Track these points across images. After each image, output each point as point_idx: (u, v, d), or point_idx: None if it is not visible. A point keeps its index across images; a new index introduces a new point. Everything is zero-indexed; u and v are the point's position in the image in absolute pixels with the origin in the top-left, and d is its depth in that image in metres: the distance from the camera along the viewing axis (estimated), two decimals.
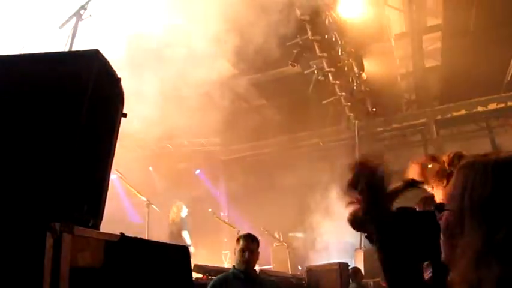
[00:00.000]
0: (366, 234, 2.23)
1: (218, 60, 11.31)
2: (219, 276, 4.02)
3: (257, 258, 4.05)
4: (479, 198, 1.20)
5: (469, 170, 1.28)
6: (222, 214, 11.50)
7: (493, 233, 1.14)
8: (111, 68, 2.15)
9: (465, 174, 1.28)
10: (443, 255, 1.30)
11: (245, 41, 9.30)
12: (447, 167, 2.67)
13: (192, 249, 8.91)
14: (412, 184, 2.43)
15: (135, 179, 8.28)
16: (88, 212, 2.00)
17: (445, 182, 2.69)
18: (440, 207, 1.33)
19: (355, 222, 2.15)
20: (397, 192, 2.30)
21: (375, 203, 2.07)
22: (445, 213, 1.29)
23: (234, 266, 4.01)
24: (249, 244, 3.96)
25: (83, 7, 2.63)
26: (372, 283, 8.53)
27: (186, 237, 8.60)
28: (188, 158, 13.38)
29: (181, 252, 2.47)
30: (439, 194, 3.44)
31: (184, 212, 8.95)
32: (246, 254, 3.90)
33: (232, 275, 3.92)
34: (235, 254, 4.00)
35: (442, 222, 1.30)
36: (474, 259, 1.17)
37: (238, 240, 4.04)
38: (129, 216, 11.16)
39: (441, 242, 1.31)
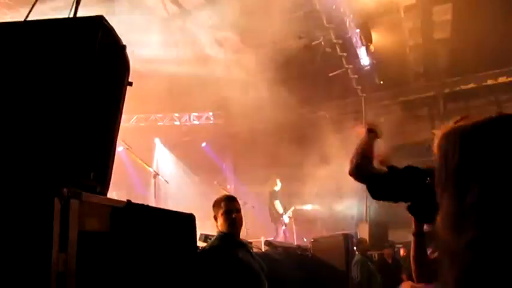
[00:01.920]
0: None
1: (223, 33, 11.26)
2: (207, 249, 3.31)
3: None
4: (451, 168, 1.28)
5: (443, 141, 1.39)
6: (228, 187, 11.56)
7: (464, 199, 1.19)
8: (116, 35, 2.14)
9: (440, 146, 1.38)
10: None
11: (252, 15, 9.22)
12: None
13: (285, 219, 9.47)
14: None
15: (141, 151, 8.35)
16: (95, 178, 2.02)
17: None
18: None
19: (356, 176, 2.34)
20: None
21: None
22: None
23: (221, 232, 3.34)
24: (235, 204, 3.41)
25: None
26: (376, 255, 8.63)
27: (278, 206, 9.49)
28: (195, 130, 13.43)
29: (187, 219, 2.50)
30: None
31: (278, 186, 9.79)
32: (234, 214, 3.33)
33: (223, 242, 3.29)
34: (216, 220, 3.37)
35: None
36: (449, 224, 1.24)
37: (218, 203, 3.40)
38: (135, 187, 11.28)
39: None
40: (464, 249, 1.16)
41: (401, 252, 9.28)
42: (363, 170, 2.30)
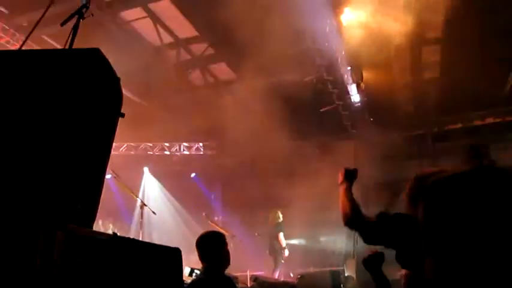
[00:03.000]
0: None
1: (216, 64, 11.42)
2: (193, 284, 3.25)
3: None
4: (426, 229, 1.29)
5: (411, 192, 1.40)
6: (216, 218, 11.47)
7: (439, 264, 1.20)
8: (111, 67, 2.16)
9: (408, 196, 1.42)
10: None
11: (245, 46, 9.37)
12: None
13: (286, 252, 9.33)
14: None
15: (129, 179, 8.29)
16: (82, 211, 2.00)
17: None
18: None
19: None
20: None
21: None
22: None
23: (207, 266, 3.28)
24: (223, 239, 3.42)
25: (85, 5, 2.64)
26: None
27: (282, 239, 9.41)
28: (184, 161, 13.40)
29: (173, 253, 2.47)
30: None
31: (280, 218, 9.78)
32: (222, 250, 3.33)
33: (209, 276, 3.25)
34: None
35: None
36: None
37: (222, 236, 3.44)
38: (121, 216, 11.13)
39: None
40: None
41: None
42: (354, 220, 2.45)
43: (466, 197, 1.19)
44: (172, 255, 2.42)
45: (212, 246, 3.32)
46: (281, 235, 9.41)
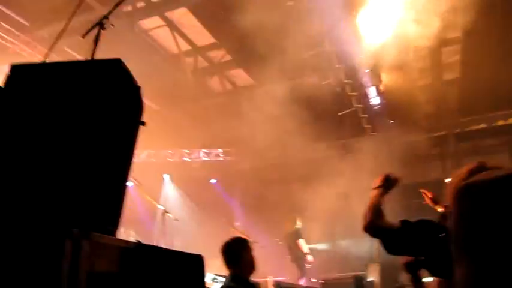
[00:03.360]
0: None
1: (234, 70, 11.49)
2: None
3: None
4: (464, 230, 1.21)
5: (457, 197, 1.30)
6: (236, 224, 11.47)
7: (478, 266, 1.12)
8: (132, 76, 2.19)
9: (455, 203, 1.30)
10: None
11: (263, 51, 9.39)
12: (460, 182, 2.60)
13: (309, 258, 9.26)
14: None
15: (150, 187, 8.36)
16: (106, 219, 2.02)
17: None
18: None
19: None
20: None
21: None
22: None
23: (234, 273, 3.32)
24: (250, 245, 3.47)
25: (105, 16, 2.68)
26: None
27: (303, 245, 9.28)
28: (204, 167, 13.46)
29: (196, 260, 2.47)
30: None
31: (299, 225, 9.64)
32: (249, 256, 3.39)
33: (237, 283, 3.25)
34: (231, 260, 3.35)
35: None
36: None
37: (238, 245, 3.46)
38: (143, 224, 11.22)
39: None
40: None
41: None
42: (376, 226, 2.35)
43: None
44: (195, 262, 2.42)
45: (237, 252, 3.32)
46: (301, 241, 9.31)
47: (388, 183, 2.59)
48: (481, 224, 1.15)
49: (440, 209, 3.64)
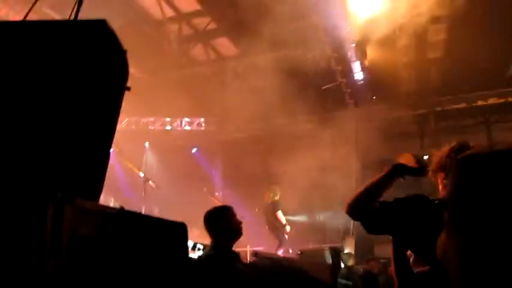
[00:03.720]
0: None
1: (219, 39, 11.31)
2: (204, 259, 3.23)
3: None
4: (449, 198, 1.24)
5: (450, 170, 1.33)
6: (216, 194, 11.53)
7: (471, 236, 1.15)
8: (117, 39, 2.13)
9: (449, 175, 1.34)
10: None
11: (248, 21, 9.25)
12: (445, 159, 2.56)
13: (287, 228, 9.29)
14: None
15: (130, 154, 8.30)
16: (89, 184, 2.00)
17: (442, 174, 2.59)
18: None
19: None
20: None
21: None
22: None
23: (217, 242, 3.30)
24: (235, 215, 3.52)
25: None
26: (361, 269, 8.64)
27: (281, 217, 9.29)
28: (185, 136, 13.39)
29: (179, 228, 2.48)
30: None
31: (278, 196, 9.67)
32: (238, 226, 3.46)
33: (220, 252, 3.23)
34: (212, 229, 3.34)
35: None
36: (455, 258, 1.20)
37: (220, 214, 3.45)
38: (123, 191, 11.18)
39: None
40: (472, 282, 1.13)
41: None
42: (356, 210, 2.34)
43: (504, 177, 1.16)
44: (178, 230, 2.42)
45: (218, 221, 3.33)
46: (279, 213, 9.37)
47: (406, 171, 2.40)
48: (476, 195, 1.18)
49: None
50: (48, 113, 1.84)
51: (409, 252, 2.96)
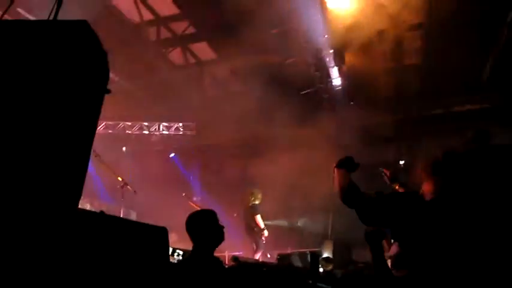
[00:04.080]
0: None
1: (198, 43, 11.26)
2: (183, 263, 3.25)
3: None
4: (438, 197, 1.24)
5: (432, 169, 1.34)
6: (195, 199, 11.45)
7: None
8: (99, 40, 2.09)
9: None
10: None
11: (227, 25, 9.24)
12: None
13: (265, 233, 9.17)
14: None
15: (108, 159, 8.16)
16: (69, 188, 1.95)
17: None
18: None
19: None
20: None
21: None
22: None
23: (197, 247, 3.25)
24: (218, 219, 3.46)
25: None
26: (340, 273, 8.68)
27: (260, 221, 9.18)
28: (163, 141, 13.28)
29: (159, 232, 2.44)
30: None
31: (259, 200, 9.53)
32: (220, 230, 3.40)
33: (199, 256, 3.18)
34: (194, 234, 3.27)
35: None
36: None
37: (203, 218, 3.41)
38: (99, 196, 11.01)
39: None
40: None
41: None
42: (354, 197, 2.42)
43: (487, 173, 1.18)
44: (159, 235, 2.39)
45: (200, 226, 3.28)
46: (258, 217, 9.29)
47: (349, 165, 2.67)
48: (463, 193, 1.20)
49: (397, 187, 3.76)
50: (27, 114, 1.79)
51: (387, 255, 2.99)
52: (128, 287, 2.04)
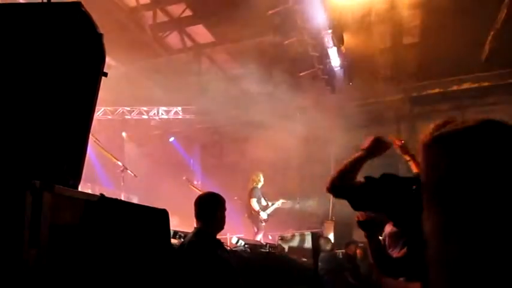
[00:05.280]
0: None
1: (194, 26, 11.17)
2: (187, 245, 3.17)
3: None
4: (434, 180, 1.17)
5: (427, 149, 1.24)
6: (195, 182, 11.46)
7: (449, 215, 1.11)
8: (93, 22, 2.06)
9: (424, 155, 1.25)
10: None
11: (224, 7, 9.16)
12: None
13: (263, 215, 9.16)
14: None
15: (108, 144, 8.17)
16: (68, 171, 1.95)
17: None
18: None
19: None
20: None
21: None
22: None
23: (200, 229, 3.27)
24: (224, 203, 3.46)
25: None
26: (340, 253, 8.76)
27: (254, 204, 9.16)
28: (162, 125, 13.26)
29: (160, 215, 2.45)
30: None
31: (260, 183, 9.45)
32: (224, 214, 3.40)
33: (202, 239, 3.18)
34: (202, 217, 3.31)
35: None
36: (437, 235, 1.17)
37: (215, 201, 3.42)
38: (100, 181, 11.03)
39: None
40: (452, 262, 1.10)
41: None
42: (338, 187, 2.31)
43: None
44: (160, 217, 2.40)
45: (211, 207, 3.30)
46: (253, 201, 9.21)
47: (375, 148, 2.40)
48: (451, 174, 1.15)
49: (408, 159, 3.71)
50: (24, 97, 1.78)
51: (381, 238, 3.00)
52: (130, 269, 2.05)
